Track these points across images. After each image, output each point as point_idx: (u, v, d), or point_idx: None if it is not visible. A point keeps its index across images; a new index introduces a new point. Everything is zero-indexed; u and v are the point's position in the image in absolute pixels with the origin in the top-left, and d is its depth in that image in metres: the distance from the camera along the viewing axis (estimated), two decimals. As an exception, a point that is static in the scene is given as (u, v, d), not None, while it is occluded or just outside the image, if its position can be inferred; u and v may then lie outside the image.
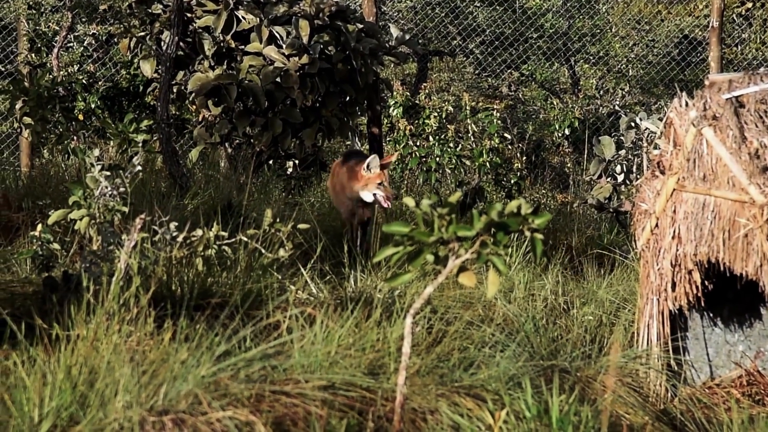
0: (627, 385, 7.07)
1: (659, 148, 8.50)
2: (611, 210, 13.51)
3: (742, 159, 7.62)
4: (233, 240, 8.03)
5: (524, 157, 16.89)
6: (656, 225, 8.29)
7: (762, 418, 6.80)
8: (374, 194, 10.39)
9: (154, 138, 12.91)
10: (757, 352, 8.47)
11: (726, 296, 8.38)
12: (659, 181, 8.36)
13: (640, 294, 8.38)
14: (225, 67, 12.80)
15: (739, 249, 7.54)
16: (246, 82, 12.48)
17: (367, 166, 10.38)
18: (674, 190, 8.19)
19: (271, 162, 13.70)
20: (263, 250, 8.02)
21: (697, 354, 8.44)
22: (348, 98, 13.36)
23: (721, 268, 7.76)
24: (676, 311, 8.18)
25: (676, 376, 7.98)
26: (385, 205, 10.39)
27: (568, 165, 18.31)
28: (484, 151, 16.17)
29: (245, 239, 8.05)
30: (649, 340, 8.15)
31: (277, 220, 8.31)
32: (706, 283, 8.03)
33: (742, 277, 7.56)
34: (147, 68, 13.12)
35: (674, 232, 8.09)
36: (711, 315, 8.55)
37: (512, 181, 16.10)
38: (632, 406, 6.72)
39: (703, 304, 8.19)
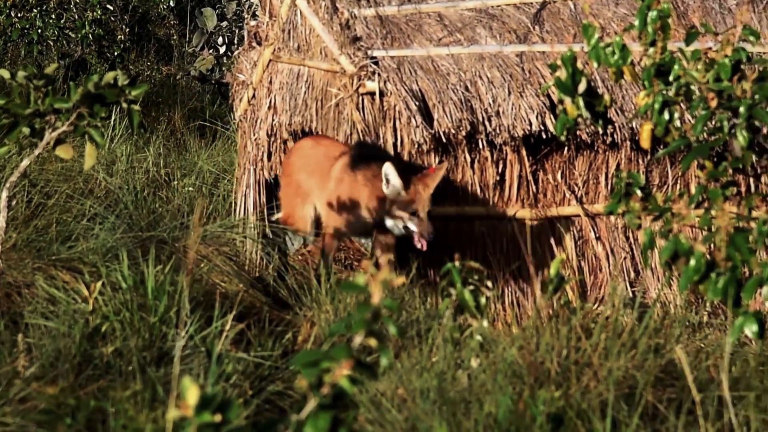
0: (224, 254, 7.18)
1: (257, 19, 8.57)
2: (213, 82, 13.55)
3: (334, 29, 7.82)
4: None
5: (128, 29, 16.54)
6: (253, 96, 8.40)
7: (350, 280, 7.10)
8: (406, 227, 7.20)
9: None
10: (349, 218, 8.81)
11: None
12: (256, 52, 8.45)
13: (238, 164, 8.50)
14: None
15: (331, 118, 7.78)
16: None
17: (387, 181, 7.18)
18: (270, 60, 8.30)
19: None
20: None
21: (292, 222, 8.69)
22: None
23: (315, 137, 8.00)
24: (272, 180, 8.37)
25: (271, 244, 8.18)
26: (419, 246, 7.13)
27: (174, 37, 18.07)
28: (87, 23, 15.71)
29: None
30: (246, 209, 8.31)
31: None
32: (301, 152, 8.24)
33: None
34: None
35: (270, 102, 8.22)
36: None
37: (116, 53, 15.74)
38: (228, 275, 6.84)
39: (297, 173, 8.43)
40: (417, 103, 7.41)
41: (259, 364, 5.44)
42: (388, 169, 7.03)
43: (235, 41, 13.40)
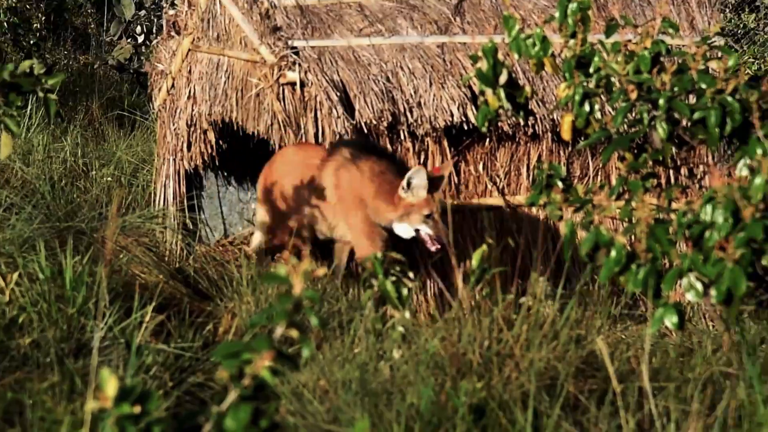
0: (143, 245, 7.13)
1: (176, 8, 8.51)
2: (132, 71, 13.44)
3: (254, 19, 7.77)
4: None
5: (44, 17, 16.34)
6: (173, 85, 8.33)
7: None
8: (417, 230, 6.88)
9: None
10: (268, 208, 8.79)
11: (240, 155, 8.59)
12: (175, 41, 8.39)
13: (158, 154, 8.44)
14: None
15: (252, 108, 7.73)
16: None
17: (408, 185, 6.83)
18: (189, 50, 8.24)
19: None
20: None
21: (212, 213, 8.64)
22: None
23: (235, 128, 7.95)
24: (192, 171, 8.32)
25: (191, 235, 8.14)
26: (433, 249, 6.84)
27: (92, 26, 17.88)
28: (2, 11, 15.50)
29: None
30: (166, 200, 8.25)
31: None
32: (221, 142, 8.21)
33: (255, 135, 7.79)
34: None
35: (190, 92, 8.17)
36: (225, 174, 8.76)
37: (32, 42, 15.54)
38: (147, 266, 6.79)
39: (217, 164, 8.38)
40: (338, 94, 7.40)
41: (180, 355, 5.40)
42: (419, 173, 6.74)
43: (154, 30, 13.28)
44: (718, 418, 4.14)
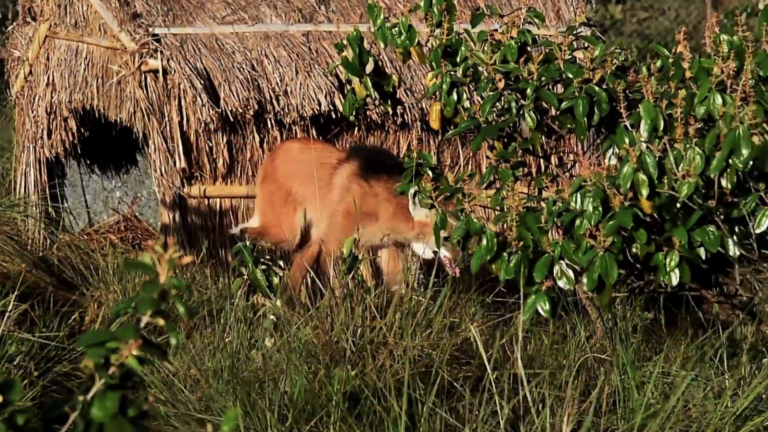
0: (4, 233, 6.97)
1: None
2: (-14, 57, 13.13)
3: (113, 6, 7.65)
4: None
5: None
6: (30, 72, 8.16)
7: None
8: (435, 251, 6.37)
9: None
10: (134, 197, 8.67)
11: (103, 143, 8.45)
12: (31, 27, 8.22)
13: (17, 142, 8.26)
14: None
15: (113, 96, 7.60)
16: None
17: (414, 200, 5.91)
18: (47, 36, 8.08)
19: None
20: None
21: (75, 201, 8.48)
22: None
23: (97, 116, 7.81)
24: (54, 159, 8.14)
25: (54, 224, 7.98)
26: (451, 273, 6.18)
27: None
28: None
29: None
30: (27, 188, 8.07)
31: None
32: (83, 130, 8.05)
33: (117, 123, 7.67)
34: None
35: (48, 79, 8.00)
36: (88, 162, 8.60)
37: None
38: (9, 254, 6.65)
39: (80, 152, 8.23)
40: (202, 82, 7.32)
41: (45, 344, 5.30)
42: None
43: (9, 16, 12.96)
44: (592, 403, 4.20)
